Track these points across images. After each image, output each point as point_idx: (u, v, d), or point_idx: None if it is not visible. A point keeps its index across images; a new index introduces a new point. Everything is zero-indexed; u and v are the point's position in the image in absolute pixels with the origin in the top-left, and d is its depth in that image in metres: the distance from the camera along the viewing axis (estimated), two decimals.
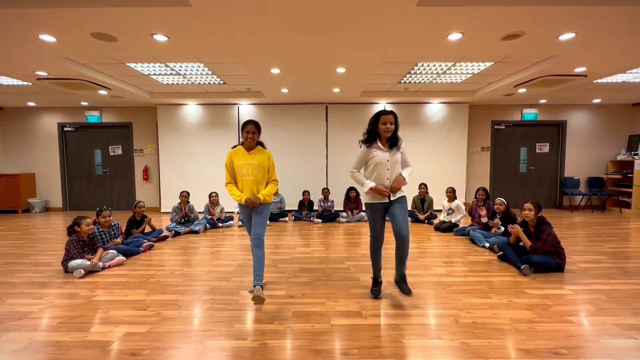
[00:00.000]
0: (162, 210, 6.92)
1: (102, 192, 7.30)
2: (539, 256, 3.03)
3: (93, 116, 7.06)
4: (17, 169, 7.13)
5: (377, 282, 2.56)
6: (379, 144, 2.39)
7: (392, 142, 2.40)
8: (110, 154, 7.23)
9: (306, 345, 1.86)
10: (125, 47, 3.56)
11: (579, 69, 4.41)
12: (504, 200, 4.07)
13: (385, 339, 1.92)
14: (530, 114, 7.02)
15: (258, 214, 2.52)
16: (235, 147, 2.61)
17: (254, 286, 2.34)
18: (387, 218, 2.46)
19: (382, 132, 2.35)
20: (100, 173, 7.30)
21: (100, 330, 2.02)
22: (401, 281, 2.39)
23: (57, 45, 3.46)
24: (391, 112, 2.35)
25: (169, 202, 6.73)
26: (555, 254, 3.06)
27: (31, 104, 6.73)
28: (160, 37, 3.28)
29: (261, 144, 2.61)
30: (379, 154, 2.37)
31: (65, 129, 7.15)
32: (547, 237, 3.03)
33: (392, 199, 2.39)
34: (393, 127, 2.33)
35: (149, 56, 3.90)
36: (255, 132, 2.49)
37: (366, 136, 2.43)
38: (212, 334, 1.98)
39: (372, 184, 2.36)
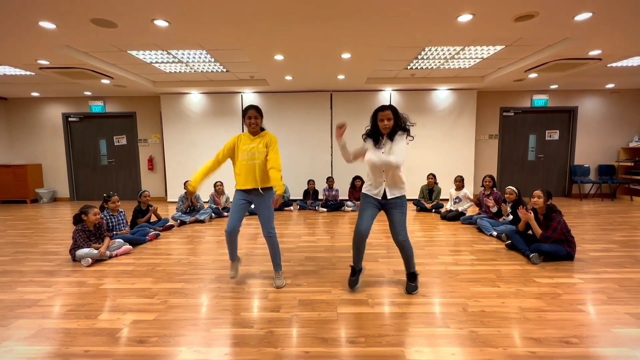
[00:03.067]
0: (168, 200, 6.96)
1: (108, 182, 7.35)
2: (549, 244, 2.97)
3: (97, 106, 7.04)
4: (23, 160, 7.18)
5: (354, 270, 2.42)
6: (376, 142, 2.27)
7: (391, 135, 2.24)
8: (115, 144, 7.24)
9: (312, 333, 1.85)
10: (126, 33, 3.49)
11: (594, 52, 4.24)
12: (514, 188, 3.98)
13: (392, 327, 1.90)
14: (540, 100, 6.84)
15: (262, 206, 2.44)
16: None
17: (275, 271, 2.57)
18: (375, 216, 2.33)
19: (381, 130, 2.22)
20: (105, 163, 7.32)
21: (108, 318, 2.04)
22: (408, 279, 2.39)
23: (57, 32, 3.40)
24: (389, 107, 2.20)
25: (175, 191, 6.75)
26: (565, 242, 3.00)
27: (35, 94, 6.72)
28: (161, 23, 3.20)
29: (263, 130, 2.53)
30: (371, 154, 2.23)
31: (69, 119, 7.15)
32: (556, 225, 2.96)
33: (389, 197, 2.24)
34: (391, 122, 2.17)
35: (151, 43, 3.83)
36: (258, 117, 2.41)
37: (368, 134, 2.31)
38: (218, 322, 1.98)
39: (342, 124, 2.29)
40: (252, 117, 2.39)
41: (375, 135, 2.28)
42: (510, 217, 3.94)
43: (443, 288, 2.44)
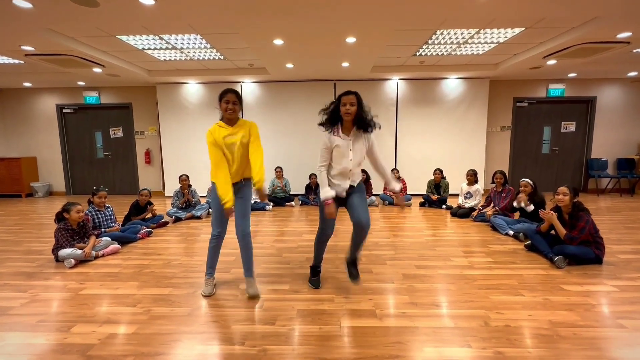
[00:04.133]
0: (166, 194, 6.72)
1: (105, 176, 7.12)
2: (575, 246, 2.69)
3: (91, 97, 6.77)
4: (18, 153, 6.97)
5: (316, 271, 2.39)
6: (340, 131, 2.07)
7: (359, 126, 2.07)
8: (111, 137, 6.99)
9: (312, 352, 1.60)
10: (110, 14, 3.20)
11: (623, 35, 3.87)
12: (529, 181, 3.68)
13: (404, 345, 1.65)
14: (556, 89, 6.45)
15: (243, 201, 2.23)
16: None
17: (246, 277, 2.27)
18: (340, 208, 2.19)
19: (342, 114, 2.02)
20: (102, 156, 7.09)
21: (82, 331, 1.80)
22: (351, 264, 2.25)
23: (35, 13, 3.12)
24: (353, 93, 2.04)
25: (173, 185, 6.50)
26: (593, 244, 2.71)
27: (27, 84, 6.47)
28: (146, 1, 2.90)
29: None
30: (341, 142, 2.05)
31: (64, 110, 6.91)
32: (584, 225, 2.67)
33: (352, 184, 2.16)
34: (354, 108, 1.99)
35: (138, 25, 3.54)
36: (237, 102, 2.13)
37: (325, 119, 2.12)
38: (205, 337, 1.74)
39: (330, 195, 2.05)
40: (231, 102, 2.09)
41: (333, 121, 2.10)
42: (532, 207, 3.59)
43: (459, 297, 2.18)
